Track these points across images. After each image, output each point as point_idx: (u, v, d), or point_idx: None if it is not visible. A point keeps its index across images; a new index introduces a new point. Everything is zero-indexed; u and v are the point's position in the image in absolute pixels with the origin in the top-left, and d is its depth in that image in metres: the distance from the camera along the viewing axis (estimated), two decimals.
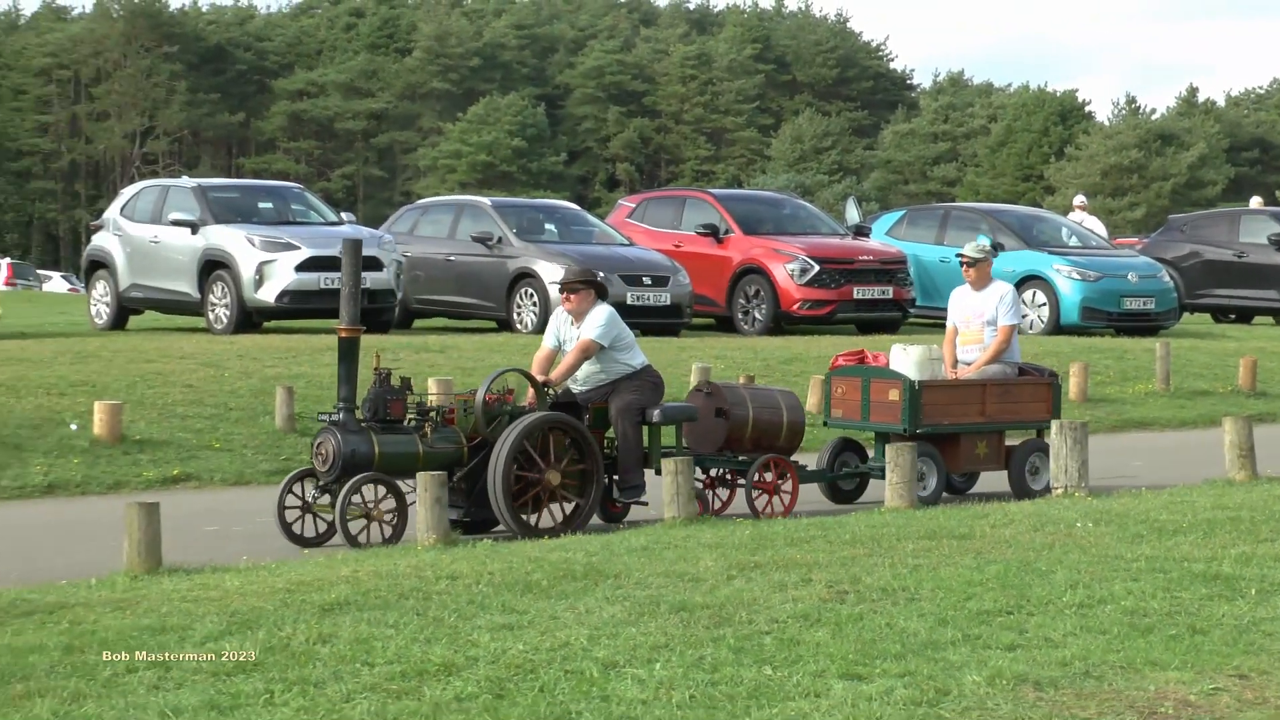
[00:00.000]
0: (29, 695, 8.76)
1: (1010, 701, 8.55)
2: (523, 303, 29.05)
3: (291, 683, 8.94)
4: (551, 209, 32.97)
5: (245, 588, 11.63)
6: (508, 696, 8.64)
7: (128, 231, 29.52)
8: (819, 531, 13.69)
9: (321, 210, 30.56)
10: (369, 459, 14.53)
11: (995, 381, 16.98)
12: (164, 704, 8.59)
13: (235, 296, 27.36)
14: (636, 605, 10.67)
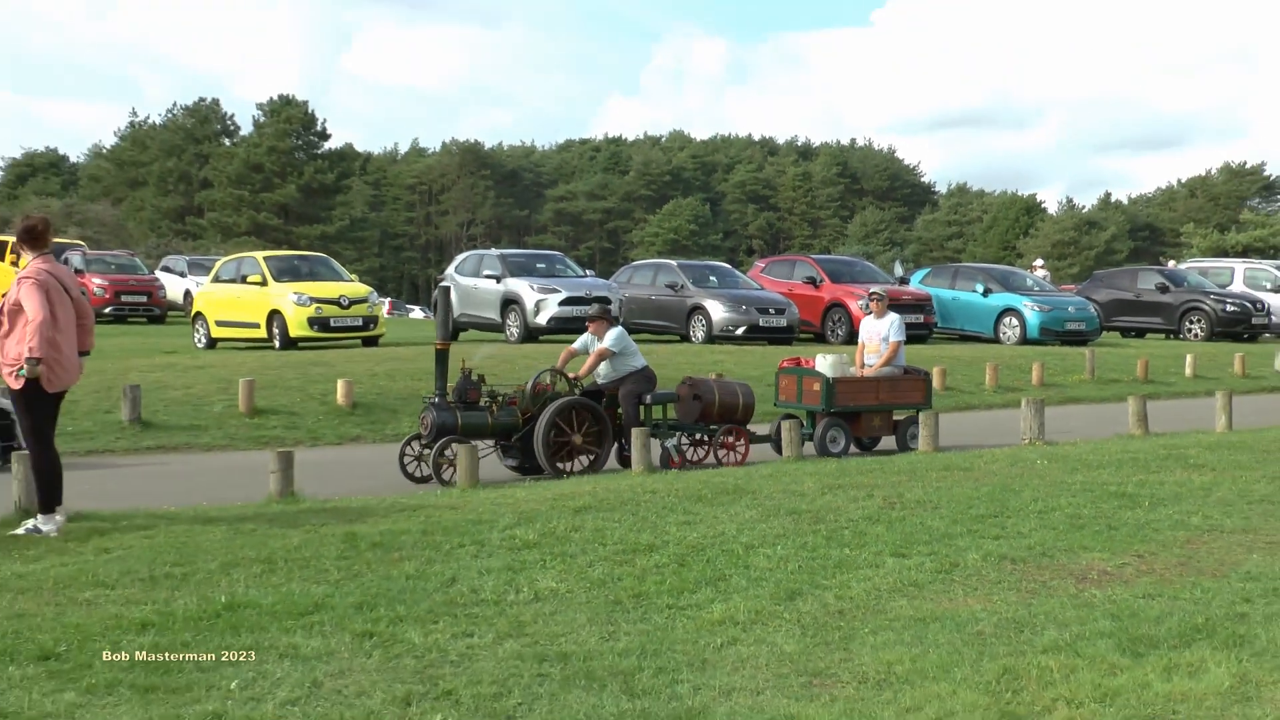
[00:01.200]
0: (400, 560, 8.93)
1: (995, 570, 8.67)
2: (695, 325, 29.06)
3: (556, 555, 9.15)
4: (714, 267, 32.86)
5: (528, 497, 11.77)
6: (686, 565, 8.84)
7: (459, 281, 29.76)
8: (877, 466, 13.61)
9: (574, 268, 30.72)
10: (454, 427, 14.38)
11: (885, 378, 16.95)
12: (481, 566, 8.84)
13: (523, 321, 27.56)
14: (765, 510, 10.76)
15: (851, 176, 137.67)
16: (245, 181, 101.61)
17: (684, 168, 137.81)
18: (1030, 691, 6.14)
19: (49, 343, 10.19)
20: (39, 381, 10.22)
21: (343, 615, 7.44)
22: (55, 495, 10.44)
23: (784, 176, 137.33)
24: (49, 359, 10.19)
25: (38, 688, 6.14)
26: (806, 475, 12.83)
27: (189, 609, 7.56)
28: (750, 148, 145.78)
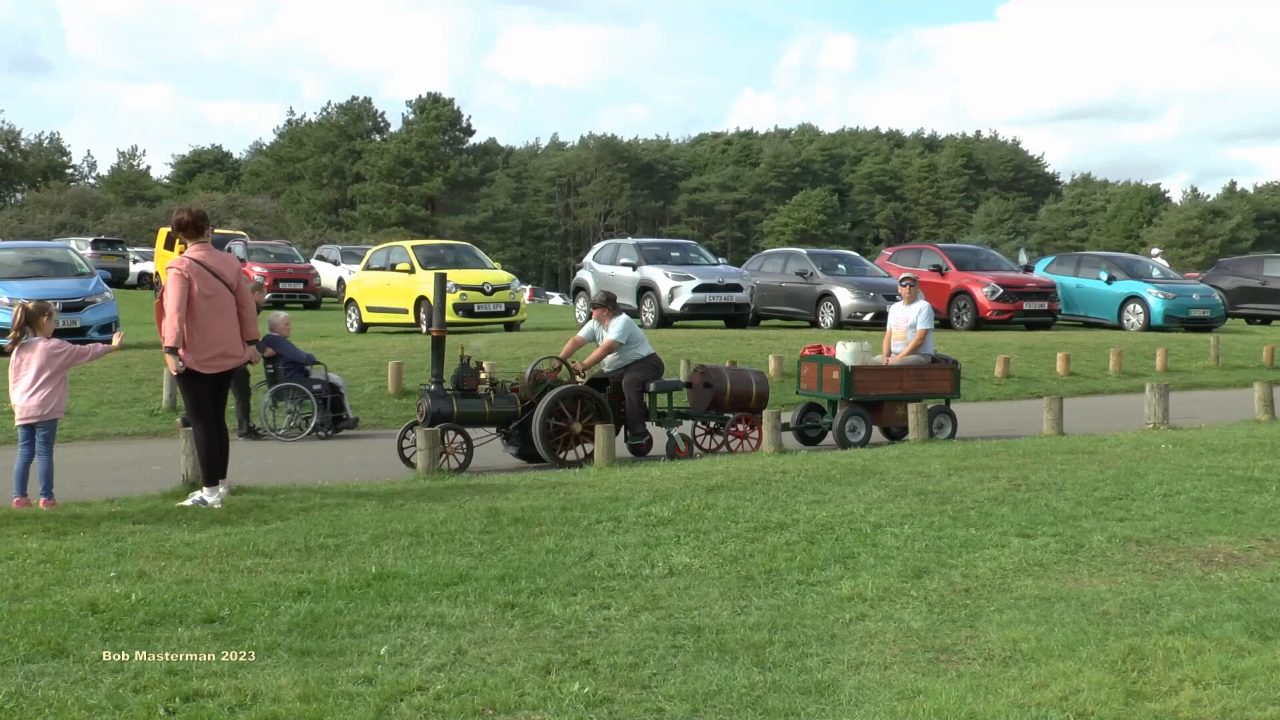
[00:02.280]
0: (541, 534, 8.97)
1: (1120, 552, 8.47)
2: (824, 311, 28.84)
3: (690, 531, 9.14)
4: (843, 256, 32.62)
5: (662, 475, 11.78)
6: (816, 542, 8.75)
7: (596, 269, 29.91)
8: (1002, 449, 13.42)
9: (707, 256, 30.65)
10: (449, 414, 13.74)
11: (911, 366, 15.89)
12: (617, 541, 8.84)
13: (658, 307, 27.57)
14: (892, 490, 10.64)
15: (976, 168, 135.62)
16: (395, 175, 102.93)
17: (813, 160, 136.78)
18: (1156, 671, 5.98)
19: (191, 331, 10.41)
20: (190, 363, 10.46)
21: (486, 586, 7.49)
22: (218, 470, 10.67)
23: (910, 168, 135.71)
24: (191, 345, 10.41)
25: (204, 648, 6.27)
26: (933, 457, 12.67)
27: (342, 578, 7.67)
28: (877, 140, 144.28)
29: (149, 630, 6.59)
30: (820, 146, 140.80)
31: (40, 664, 6.05)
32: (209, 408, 10.70)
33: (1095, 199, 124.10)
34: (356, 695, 5.65)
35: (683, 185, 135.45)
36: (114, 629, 6.60)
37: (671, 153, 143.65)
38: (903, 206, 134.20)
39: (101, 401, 17.49)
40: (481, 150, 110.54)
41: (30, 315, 10.92)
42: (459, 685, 5.78)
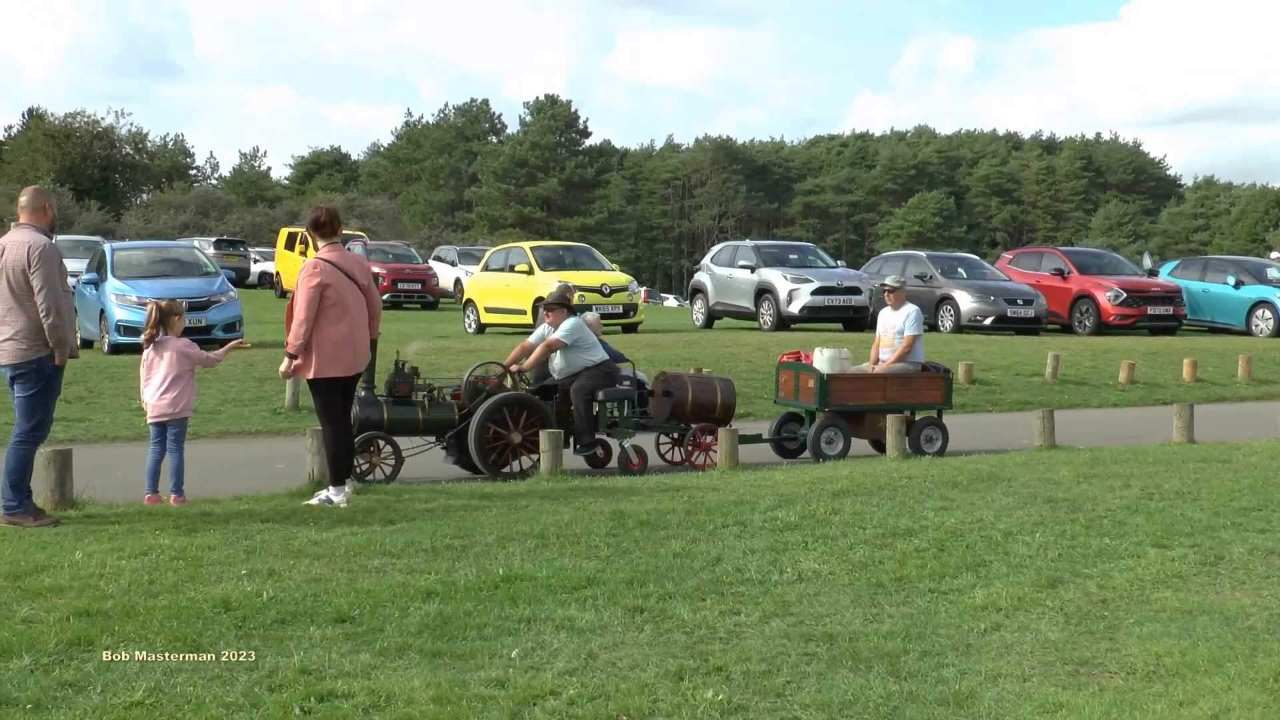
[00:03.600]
0: (666, 538, 8.94)
1: (1263, 564, 8.28)
2: (943, 315, 28.55)
3: (817, 537, 9.06)
4: (963, 259, 32.26)
5: (787, 479, 11.69)
6: (946, 550, 8.63)
7: (714, 271, 29.89)
8: (1132, 456, 13.15)
9: (826, 259, 30.48)
10: (378, 422, 12.84)
11: (896, 375, 14.99)
12: (745, 546, 8.77)
13: (775, 310, 27.45)
14: (1021, 498, 10.45)
15: (1096, 170, 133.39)
16: (511, 176, 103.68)
17: (929, 162, 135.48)
18: None
19: (322, 332, 10.50)
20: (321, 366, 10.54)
21: (614, 590, 7.45)
22: (345, 469, 10.76)
23: (1028, 170, 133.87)
24: (319, 346, 10.50)
25: (336, 648, 6.30)
26: (1061, 464, 12.44)
27: (469, 580, 7.67)
28: (995, 142, 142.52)
29: (281, 629, 6.63)
30: (937, 149, 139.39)
31: (177, 660, 6.11)
32: (338, 408, 10.79)
33: (1219, 202, 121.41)
34: (489, 698, 5.64)
35: (798, 188, 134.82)
36: (247, 626, 6.65)
37: (786, 155, 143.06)
38: (1020, 209, 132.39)
39: (226, 399, 17.75)
40: (597, 152, 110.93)
41: (163, 314, 11.11)
42: (591, 690, 5.75)
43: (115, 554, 8.38)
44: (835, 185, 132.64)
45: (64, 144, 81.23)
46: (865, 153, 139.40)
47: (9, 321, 9.58)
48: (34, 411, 9.71)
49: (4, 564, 8.10)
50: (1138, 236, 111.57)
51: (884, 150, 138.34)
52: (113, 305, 22.25)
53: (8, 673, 5.89)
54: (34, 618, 6.80)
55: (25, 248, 9.54)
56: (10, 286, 9.54)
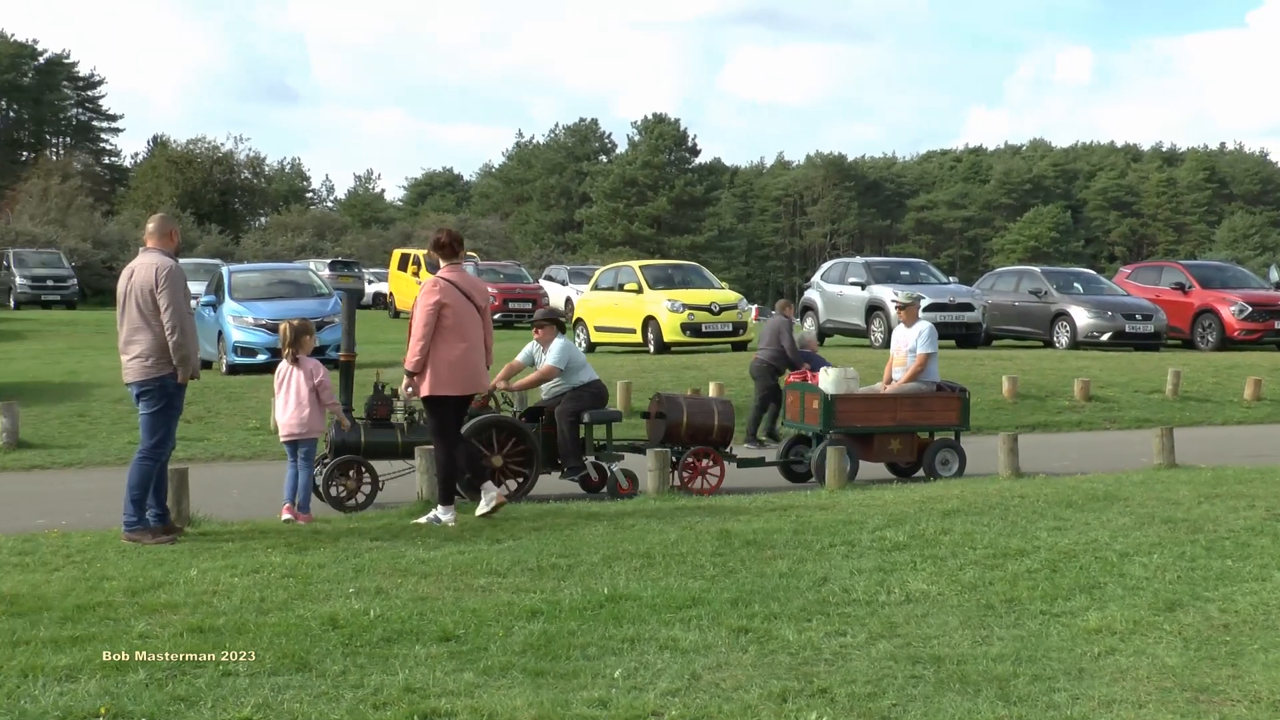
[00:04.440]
0: (773, 558, 8.90)
1: None
2: (1059, 331, 28.09)
3: (926, 557, 8.96)
4: (1079, 274, 31.77)
5: (897, 498, 11.58)
6: (1059, 571, 8.48)
7: (824, 288, 29.77)
8: (1257, 475, 12.81)
9: (937, 275, 30.21)
10: (355, 446, 12.48)
11: (907, 395, 14.46)
12: (852, 566, 8.69)
13: (887, 327, 27.19)
14: (1139, 518, 10.23)
15: (1220, 181, 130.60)
16: (620, 195, 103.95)
17: (1044, 176, 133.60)
18: None
19: (439, 352, 10.59)
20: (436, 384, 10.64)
21: (719, 610, 7.41)
22: (455, 488, 10.85)
23: (1148, 182, 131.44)
24: (436, 366, 10.59)
25: (440, 666, 6.33)
26: (1181, 483, 12.16)
27: (574, 599, 7.68)
28: (1113, 154, 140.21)
29: (387, 647, 6.68)
30: (1052, 162, 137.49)
31: (285, 676, 6.18)
32: (452, 428, 10.89)
33: None
34: (591, 719, 5.63)
35: (910, 203, 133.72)
36: (354, 644, 6.71)
37: (899, 170, 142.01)
38: (1139, 222, 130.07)
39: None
40: (707, 170, 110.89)
41: (295, 333, 11.31)
42: (694, 711, 5.71)
43: (228, 571, 8.53)
44: (948, 200, 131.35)
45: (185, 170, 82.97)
46: (979, 167, 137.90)
47: (136, 341, 9.91)
48: (156, 429, 9.97)
49: (123, 579, 8.28)
50: (1265, 249, 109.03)
51: (998, 164, 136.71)
52: (230, 326, 22.66)
53: (125, 686, 6.01)
54: (150, 633, 6.94)
55: (153, 269, 9.89)
56: (138, 307, 9.88)
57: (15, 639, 6.79)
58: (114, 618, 7.29)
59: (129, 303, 9.94)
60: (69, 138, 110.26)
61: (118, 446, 16.30)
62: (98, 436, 16.98)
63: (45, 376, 22.42)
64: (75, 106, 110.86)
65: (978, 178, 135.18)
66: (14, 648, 6.62)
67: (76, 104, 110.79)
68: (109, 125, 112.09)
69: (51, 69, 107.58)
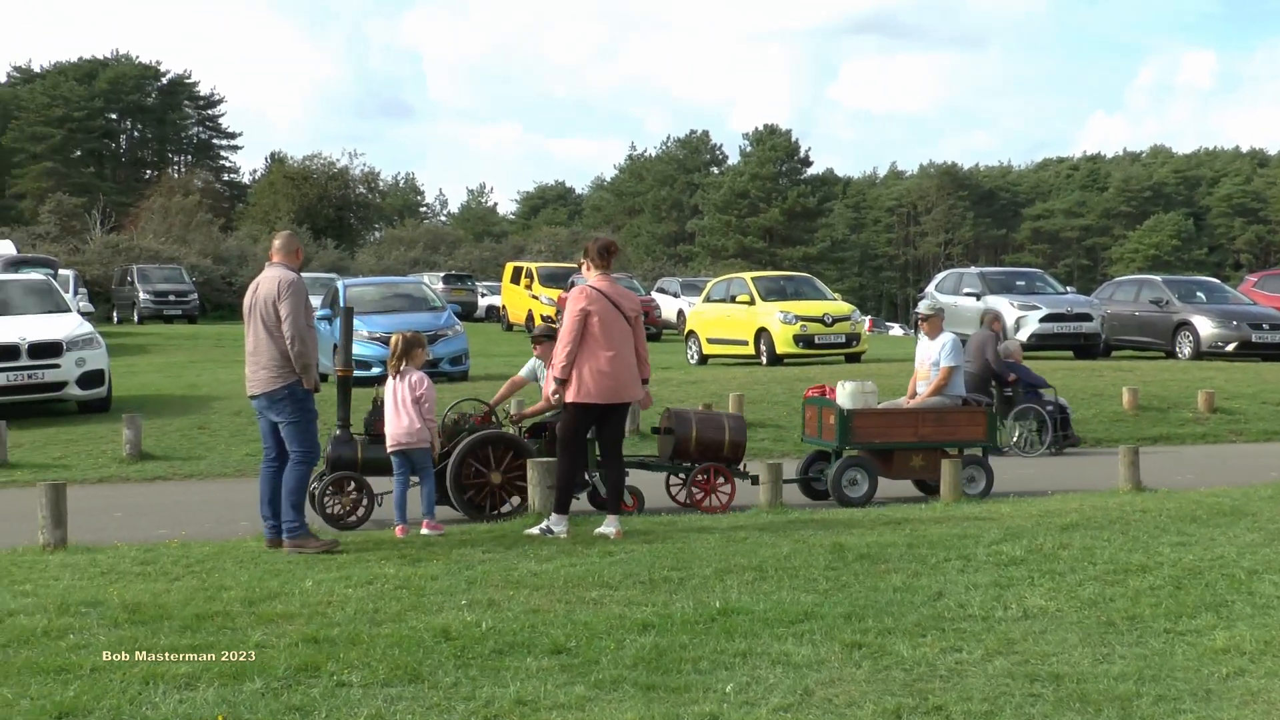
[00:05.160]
0: (886, 572, 8.81)
1: None
2: (1181, 341, 27.45)
3: (1044, 572, 8.81)
4: (1202, 283, 31.07)
5: (1013, 513, 11.40)
6: (1183, 588, 8.29)
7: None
8: None
9: (1054, 285, 29.76)
10: (351, 462, 12.29)
11: (930, 410, 13.91)
12: (967, 581, 8.63)
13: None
14: (1268, 534, 10.04)
15: None
16: (732, 207, 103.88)
17: (1165, 183, 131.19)
18: None
19: (584, 361, 10.59)
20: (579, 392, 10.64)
21: (832, 625, 7.34)
22: (570, 499, 10.89)
23: (1275, 188, 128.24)
24: (580, 375, 10.59)
25: (551, 679, 6.34)
26: None
27: (686, 612, 7.65)
28: (1238, 160, 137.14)
29: (499, 659, 6.71)
30: (1174, 168, 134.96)
31: (398, 688, 6.23)
32: (581, 439, 10.91)
33: None
34: None
35: (1026, 212, 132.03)
36: (466, 656, 6.74)
37: (1014, 179, 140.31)
38: (1266, 230, 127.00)
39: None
40: (819, 181, 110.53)
41: (407, 345, 11.40)
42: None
43: (343, 582, 8.63)
44: (1065, 209, 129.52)
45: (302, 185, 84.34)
46: (1097, 175, 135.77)
47: (261, 353, 10.16)
48: (300, 436, 10.20)
49: (240, 589, 8.42)
50: None
51: (1117, 172, 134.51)
52: None
53: (241, 694, 6.10)
54: (266, 642, 7.04)
55: (276, 282, 10.16)
56: (263, 320, 10.14)
57: (137, 646, 6.93)
58: (232, 627, 7.41)
59: (254, 316, 10.19)
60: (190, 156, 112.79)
61: (236, 458, 16.60)
62: (217, 449, 17.29)
63: (167, 389, 22.89)
64: (196, 125, 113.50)
65: (1096, 185, 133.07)
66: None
67: (197, 123, 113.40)
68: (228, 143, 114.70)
69: (174, 89, 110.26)
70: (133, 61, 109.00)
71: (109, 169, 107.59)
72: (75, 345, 19.16)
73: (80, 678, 6.36)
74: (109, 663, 6.61)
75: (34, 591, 8.47)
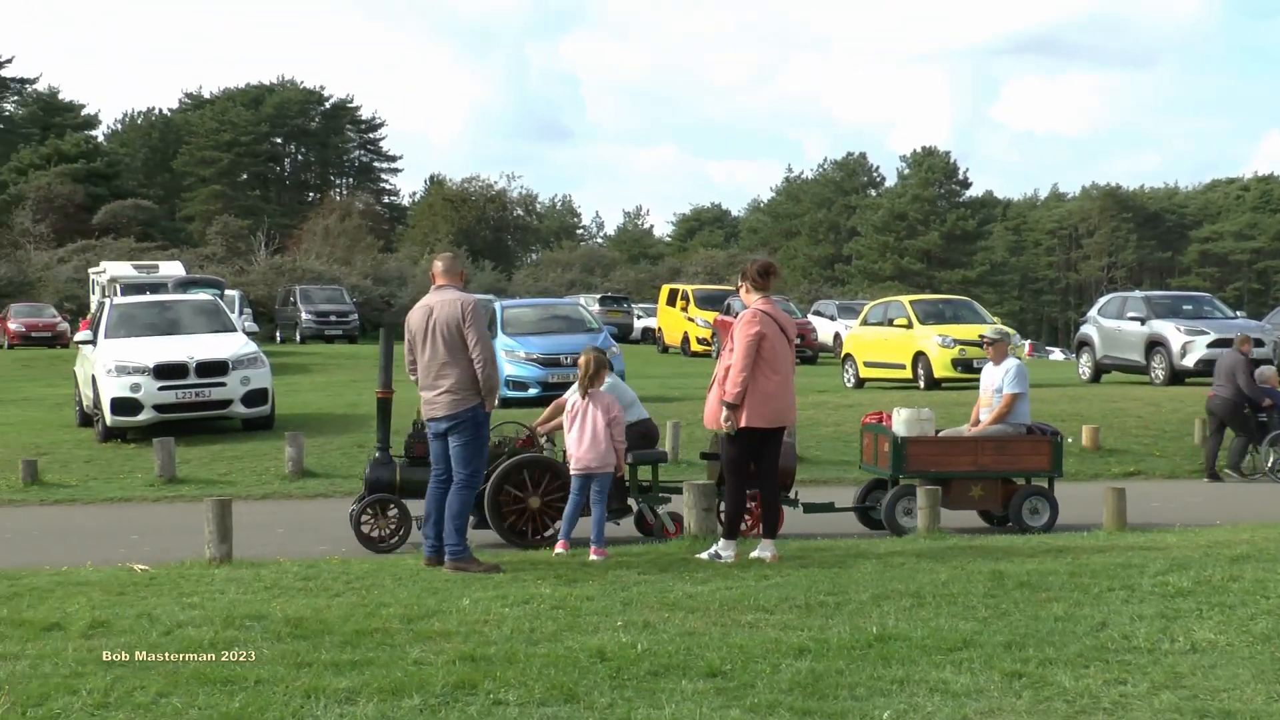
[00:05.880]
0: (1047, 600, 8.66)
1: None
2: None
3: (1213, 605, 8.57)
4: None
5: (1180, 542, 11.16)
6: None
7: (1101, 323, 28.85)
8: None
9: (1223, 309, 28.98)
10: (389, 484, 12.41)
11: (991, 438, 13.50)
12: (1132, 612, 8.41)
13: (1168, 364, 26.25)
14: None
15: None
16: (890, 229, 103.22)
17: None
18: None
19: (750, 385, 10.54)
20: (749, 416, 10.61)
21: (991, 653, 7.23)
22: (739, 525, 10.89)
23: None
24: (749, 395, 10.54)
25: (706, 702, 6.34)
26: None
27: (842, 638, 7.59)
28: None
29: (654, 681, 6.72)
30: None
31: (553, 708, 6.28)
32: (746, 463, 10.84)
33: None
34: None
35: (1193, 235, 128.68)
36: (621, 677, 6.77)
37: (1180, 201, 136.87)
38: None
39: None
40: (979, 203, 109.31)
41: (598, 366, 11.34)
42: None
43: (499, 601, 8.72)
44: (1235, 231, 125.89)
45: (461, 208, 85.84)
46: (1270, 196, 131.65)
47: (446, 375, 10.22)
48: (471, 459, 10.31)
49: (399, 606, 8.55)
50: None
51: None
52: (502, 360, 23.24)
53: (399, 710, 6.19)
54: (424, 659, 7.14)
55: (458, 304, 10.23)
56: (445, 342, 10.19)
57: (299, 660, 7.09)
58: (390, 644, 7.53)
59: (434, 339, 10.22)
60: (351, 178, 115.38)
61: None
62: None
63: (328, 408, 23.40)
64: (358, 149, 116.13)
65: (1268, 207, 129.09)
66: (298, 668, 6.91)
67: (359, 146, 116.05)
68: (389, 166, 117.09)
69: (336, 113, 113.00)
70: (297, 87, 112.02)
71: (273, 192, 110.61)
72: (241, 364, 19.70)
73: (245, 689, 6.52)
74: (272, 675, 6.78)
75: (200, 604, 8.72)
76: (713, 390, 10.91)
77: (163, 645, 7.45)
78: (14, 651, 7.35)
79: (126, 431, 19.55)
